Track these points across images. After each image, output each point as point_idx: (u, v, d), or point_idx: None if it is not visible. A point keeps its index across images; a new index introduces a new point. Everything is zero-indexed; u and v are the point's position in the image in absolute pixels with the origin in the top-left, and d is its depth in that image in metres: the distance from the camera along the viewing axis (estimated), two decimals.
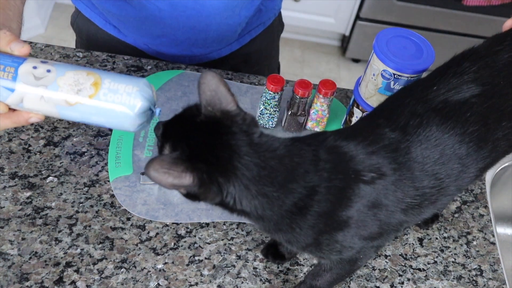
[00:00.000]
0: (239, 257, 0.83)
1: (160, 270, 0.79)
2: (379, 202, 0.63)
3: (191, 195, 0.60)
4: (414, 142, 0.64)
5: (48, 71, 0.61)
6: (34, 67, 0.61)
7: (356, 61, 2.63)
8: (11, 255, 0.77)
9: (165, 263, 0.80)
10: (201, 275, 0.80)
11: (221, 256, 0.82)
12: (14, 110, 0.63)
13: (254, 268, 0.82)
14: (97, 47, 1.10)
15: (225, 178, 0.58)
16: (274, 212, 0.61)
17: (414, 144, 0.64)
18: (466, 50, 0.74)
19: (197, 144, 0.59)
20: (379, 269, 0.84)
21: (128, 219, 0.84)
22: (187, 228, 0.85)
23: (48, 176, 0.87)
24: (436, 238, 0.90)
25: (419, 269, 0.85)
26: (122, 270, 0.78)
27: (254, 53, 1.16)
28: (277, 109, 0.96)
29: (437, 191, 0.66)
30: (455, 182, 0.67)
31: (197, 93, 0.61)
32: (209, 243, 0.83)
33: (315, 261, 0.84)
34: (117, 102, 0.61)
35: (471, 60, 0.71)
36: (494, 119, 0.67)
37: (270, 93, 0.93)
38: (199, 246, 0.83)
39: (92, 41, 1.12)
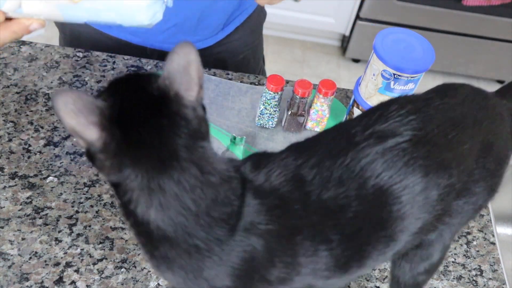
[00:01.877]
0: None
1: None
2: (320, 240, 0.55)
3: (89, 154, 0.51)
4: (322, 188, 0.56)
5: None
6: None
7: (356, 61, 2.63)
8: (11, 255, 0.77)
9: None
10: None
11: None
12: (12, 19, 0.58)
13: None
14: (80, 42, 1.10)
15: (132, 162, 0.49)
16: (179, 232, 0.51)
17: (323, 190, 0.55)
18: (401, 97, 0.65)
19: (129, 111, 0.49)
20: (379, 269, 0.84)
21: None
22: None
23: (48, 176, 0.87)
24: None
25: None
26: (122, 270, 0.78)
27: (238, 41, 1.17)
28: (277, 109, 0.96)
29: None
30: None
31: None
32: None
33: None
34: None
35: (400, 104, 0.60)
36: (434, 172, 0.56)
37: (270, 93, 0.93)
38: None
39: (75, 36, 1.12)
